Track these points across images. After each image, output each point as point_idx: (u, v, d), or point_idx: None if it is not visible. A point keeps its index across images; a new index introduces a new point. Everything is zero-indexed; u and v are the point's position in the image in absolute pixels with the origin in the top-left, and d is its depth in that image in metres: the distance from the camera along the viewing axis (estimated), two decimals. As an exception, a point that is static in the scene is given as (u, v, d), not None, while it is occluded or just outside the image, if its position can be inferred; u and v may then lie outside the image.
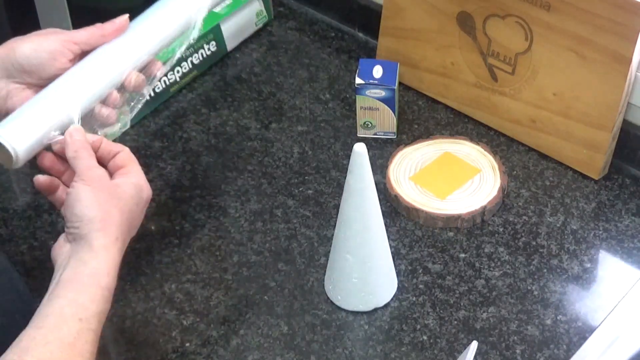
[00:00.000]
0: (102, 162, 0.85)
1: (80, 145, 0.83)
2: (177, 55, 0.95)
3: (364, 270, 0.94)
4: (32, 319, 0.73)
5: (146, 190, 0.85)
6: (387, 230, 0.95)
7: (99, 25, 0.92)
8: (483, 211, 1.06)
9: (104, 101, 0.90)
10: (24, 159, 0.84)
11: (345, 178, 0.90)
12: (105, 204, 0.79)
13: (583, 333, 0.94)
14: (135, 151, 1.18)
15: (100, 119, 0.90)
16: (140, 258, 1.02)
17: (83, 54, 0.90)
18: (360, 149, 0.87)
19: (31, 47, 0.87)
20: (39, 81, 0.88)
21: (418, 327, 0.95)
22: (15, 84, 0.88)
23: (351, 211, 0.91)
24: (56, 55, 0.88)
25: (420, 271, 1.01)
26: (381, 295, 0.97)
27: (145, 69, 0.92)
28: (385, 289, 0.98)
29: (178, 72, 1.25)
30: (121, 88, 0.91)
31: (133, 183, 0.84)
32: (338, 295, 0.97)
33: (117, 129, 0.92)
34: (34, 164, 1.17)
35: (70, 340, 0.72)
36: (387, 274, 0.97)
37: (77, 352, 0.72)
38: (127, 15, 0.93)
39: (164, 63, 0.94)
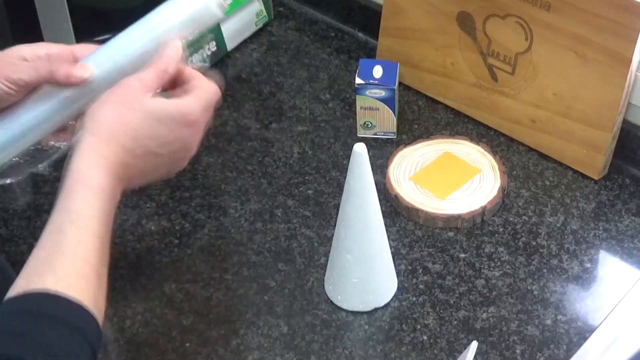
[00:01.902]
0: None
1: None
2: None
3: (364, 270, 0.94)
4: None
5: (192, 117, 0.75)
6: (387, 230, 0.95)
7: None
8: (483, 211, 1.06)
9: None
10: None
11: (345, 178, 0.90)
12: (112, 110, 0.72)
13: (583, 333, 0.94)
14: (135, 151, 1.18)
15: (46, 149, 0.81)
16: (140, 258, 1.02)
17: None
18: (360, 149, 0.87)
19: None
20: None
21: (418, 327, 0.95)
22: None
23: (351, 211, 0.91)
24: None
25: (420, 271, 1.01)
26: (381, 295, 0.97)
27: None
28: (385, 289, 0.98)
29: (178, 72, 1.25)
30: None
31: (175, 106, 0.75)
32: (338, 295, 0.97)
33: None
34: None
35: (71, 249, 0.67)
36: (387, 274, 0.97)
37: (81, 259, 0.67)
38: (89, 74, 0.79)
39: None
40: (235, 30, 1.33)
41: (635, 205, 1.08)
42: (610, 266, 1.02)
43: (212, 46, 1.29)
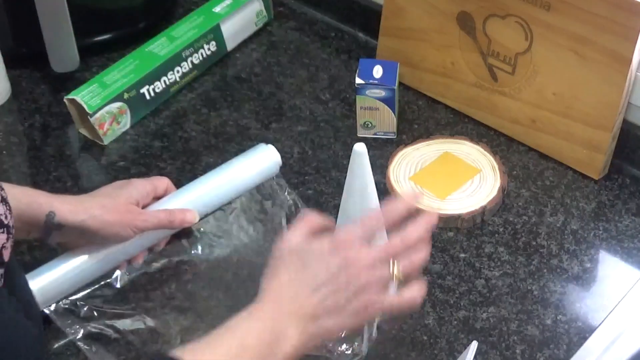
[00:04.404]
0: None
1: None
2: None
3: None
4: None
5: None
6: (387, 230, 0.95)
7: (168, 212, 0.96)
8: (483, 211, 1.06)
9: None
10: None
11: (345, 178, 0.90)
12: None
13: (583, 333, 0.94)
14: (135, 151, 1.19)
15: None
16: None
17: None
18: (360, 148, 0.87)
19: (109, 232, 0.91)
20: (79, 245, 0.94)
21: (418, 327, 0.95)
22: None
23: (351, 211, 0.91)
24: (119, 238, 0.93)
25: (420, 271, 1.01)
26: None
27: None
28: None
29: (178, 72, 1.25)
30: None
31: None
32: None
33: None
34: (33, 164, 1.17)
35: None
36: None
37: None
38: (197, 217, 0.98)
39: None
40: (235, 30, 1.33)
41: (635, 205, 1.08)
42: (610, 266, 1.02)
43: (212, 46, 1.29)
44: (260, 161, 1.04)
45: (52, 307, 0.93)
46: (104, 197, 0.94)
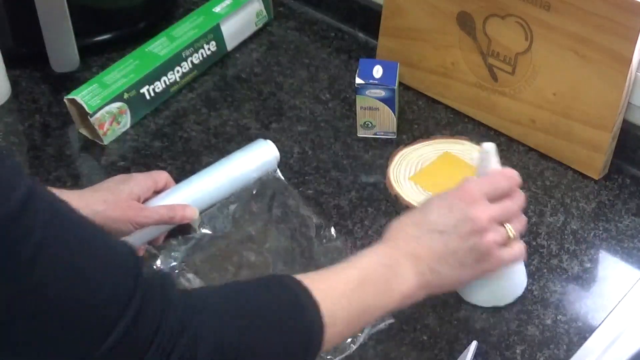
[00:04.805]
0: None
1: None
2: None
3: None
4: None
5: (462, 190, 0.85)
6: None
7: (169, 207, 0.97)
8: (483, 211, 1.06)
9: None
10: None
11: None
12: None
13: (583, 333, 0.94)
14: (135, 151, 1.19)
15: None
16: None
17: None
18: (488, 147, 0.87)
19: (111, 227, 0.91)
20: None
21: (418, 327, 0.95)
22: None
23: None
24: (120, 234, 0.93)
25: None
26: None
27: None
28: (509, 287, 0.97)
29: (178, 72, 1.25)
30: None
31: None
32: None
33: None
34: (33, 164, 1.17)
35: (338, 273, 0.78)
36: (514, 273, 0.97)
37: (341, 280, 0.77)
38: (197, 213, 0.99)
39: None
40: (235, 30, 1.33)
41: (635, 205, 1.08)
42: (610, 266, 1.02)
43: (212, 46, 1.29)
44: (259, 156, 1.05)
45: None
46: (106, 193, 0.94)
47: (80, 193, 0.94)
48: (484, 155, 0.88)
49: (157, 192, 1.00)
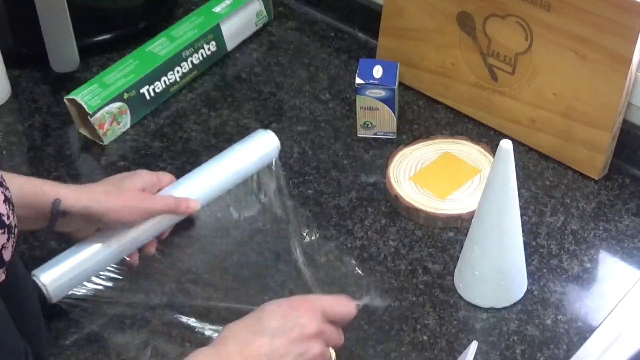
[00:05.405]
0: None
1: None
2: None
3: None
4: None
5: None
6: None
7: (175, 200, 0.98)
8: (483, 211, 1.06)
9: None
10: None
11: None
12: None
13: (583, 333, 0.94)
14: (135, 151, 1.19)
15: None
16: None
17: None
18: (506, 145, 0.87)
19: (113, 217, 0.92)
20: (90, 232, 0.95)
21: (418, 327, 0.95)
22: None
23: (488, 206, 0.90)
24: (125, 223, 0.94)
25: (420, 271, 1.01)
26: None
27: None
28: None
29: (178, 72, 1.25)
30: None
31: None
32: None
33: None
34: (33, 164, 1.17)
35: None
36: (517, 273, 0.97)
37: None
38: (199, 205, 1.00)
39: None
40: (235, 30, 1.33)
41: (635, 205, 1.08)
42: (610, 266, 1.02)
43: (212, 46, 1.29)
44: (260, 146, 1.06)
45: (65, 299, 0.93)
46: (109, 185, 0.95)
47: (83, 186, 0.94)
48: (501, 153, 0.88)
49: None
